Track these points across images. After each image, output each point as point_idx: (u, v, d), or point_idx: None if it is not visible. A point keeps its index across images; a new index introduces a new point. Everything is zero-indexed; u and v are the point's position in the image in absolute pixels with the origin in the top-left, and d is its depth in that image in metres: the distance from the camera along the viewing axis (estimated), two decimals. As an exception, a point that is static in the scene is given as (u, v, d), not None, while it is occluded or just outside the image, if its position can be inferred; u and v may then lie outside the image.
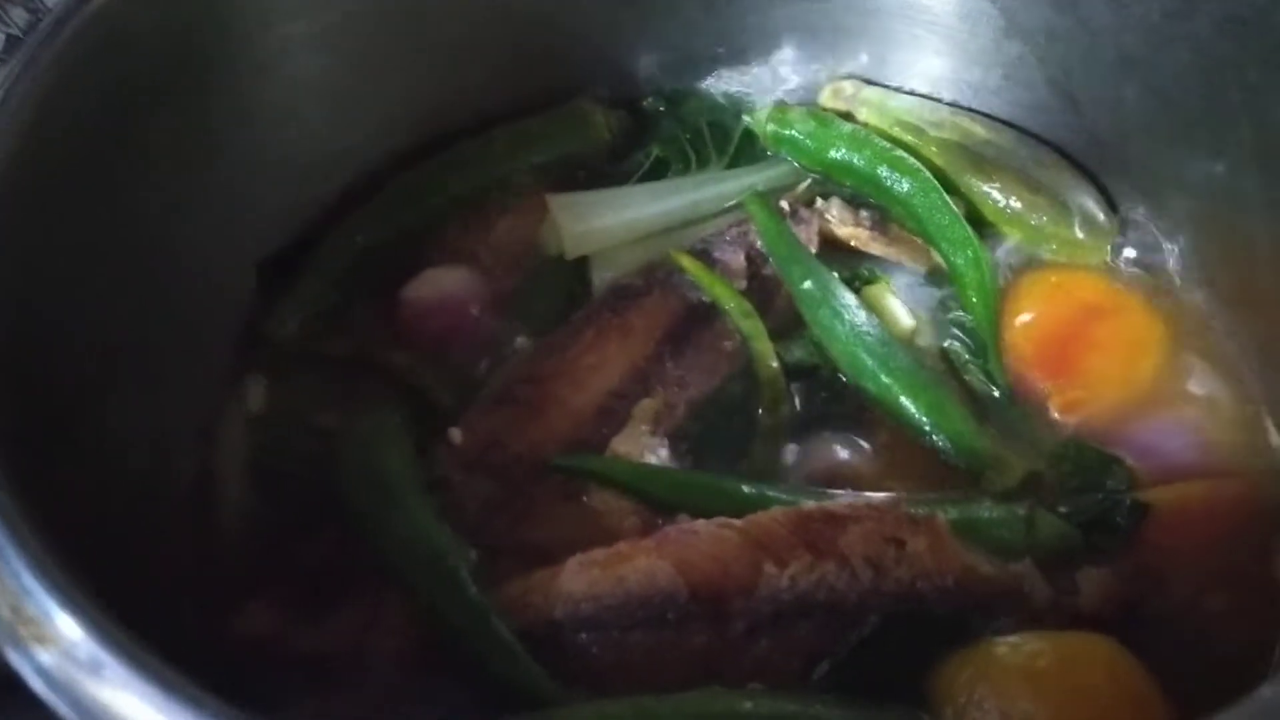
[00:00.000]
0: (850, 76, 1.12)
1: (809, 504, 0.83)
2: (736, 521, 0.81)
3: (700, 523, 0.82)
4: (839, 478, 0.90)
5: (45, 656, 0.56)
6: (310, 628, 0.82)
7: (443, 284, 1.01)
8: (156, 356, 0.87)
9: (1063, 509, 0.87)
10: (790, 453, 0.92)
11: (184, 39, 0.87)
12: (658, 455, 0.90)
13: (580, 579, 0.80)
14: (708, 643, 0.78)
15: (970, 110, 1.09)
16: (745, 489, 0.88)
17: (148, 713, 0.54)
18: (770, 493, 0.87)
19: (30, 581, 0.58)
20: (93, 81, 0.82)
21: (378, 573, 0.83)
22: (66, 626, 0.57)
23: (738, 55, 1.13)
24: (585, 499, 0.89)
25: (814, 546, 0.79)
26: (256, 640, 0.82)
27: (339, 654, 0.80)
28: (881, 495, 0.87)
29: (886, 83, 1.12)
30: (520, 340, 0.98)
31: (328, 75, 0.99)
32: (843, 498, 0.86)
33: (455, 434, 0.90)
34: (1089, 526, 0.86)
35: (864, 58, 1.12)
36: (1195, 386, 0.94)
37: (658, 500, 0.88)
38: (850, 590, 0.79)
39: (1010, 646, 0.78)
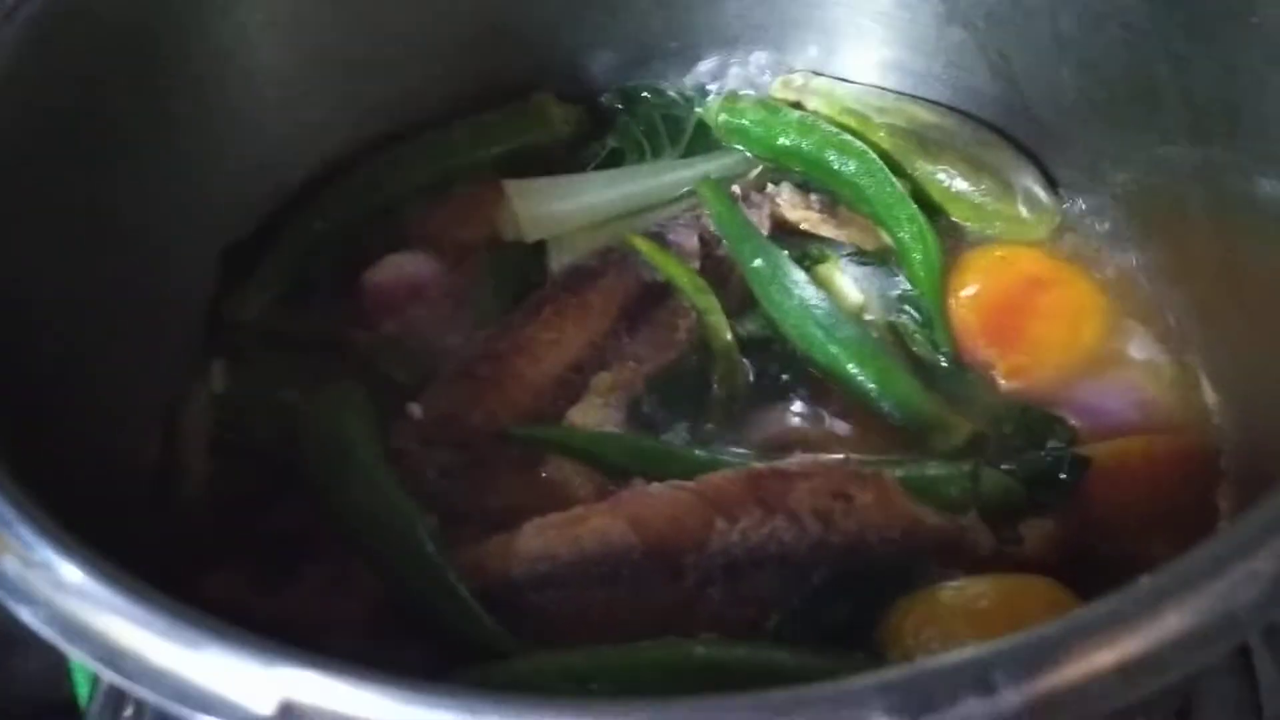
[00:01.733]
0: (800, 69, 1.15)
1: (760, 465, 0.85)
2: (689, 483, 0.83)
3: (655, 485, 0.84)
4: (792, 444, 0.91)
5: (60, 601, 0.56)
6: (274, 594, 0.82)
7: (404, 268, 1.03)
8: (121, 339, 0.88)
9: (1006, 466, 0.88)
10: (745, 422, 0.94)
11: (141, 26, 0.88)
12: (614, 425, 0.92)
13: (537, 540, 0.81)
14: (662, 597, 0.80)
15: (916, 97, 1.11)
16: (699, 454, 0.89)
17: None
18: (723, 457, 0.88)
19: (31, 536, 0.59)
20: (49, 69, 0.83)
21: (340, 539, 0.84)
22: (70, 573, 0.57)
23: (691, 51, 1.15)
24: (542, 468, 0.90)
25: (764, 502, 0.81)
26: (221, 608, 0.78)
27: (304, 619, 0.80)
28: (831, 456, 0.88)
29: (836, 74, 1.14)
30: (479, 322, 0.99)
31: (286, 65, 1.00)
32: (793, 459, 0.87)
33: (415, 409, 0.91)
34: (1032, 481, 0.87)
35: (813, 50, 1.14)
36: (1135, 350, 0.96)
37: (613, 466, 0.89)
38: (800, 543, 0.80)
39: (954, 590, 0.79)
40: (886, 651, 0.77)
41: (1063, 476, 0.87)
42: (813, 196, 1.06)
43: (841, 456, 0.88)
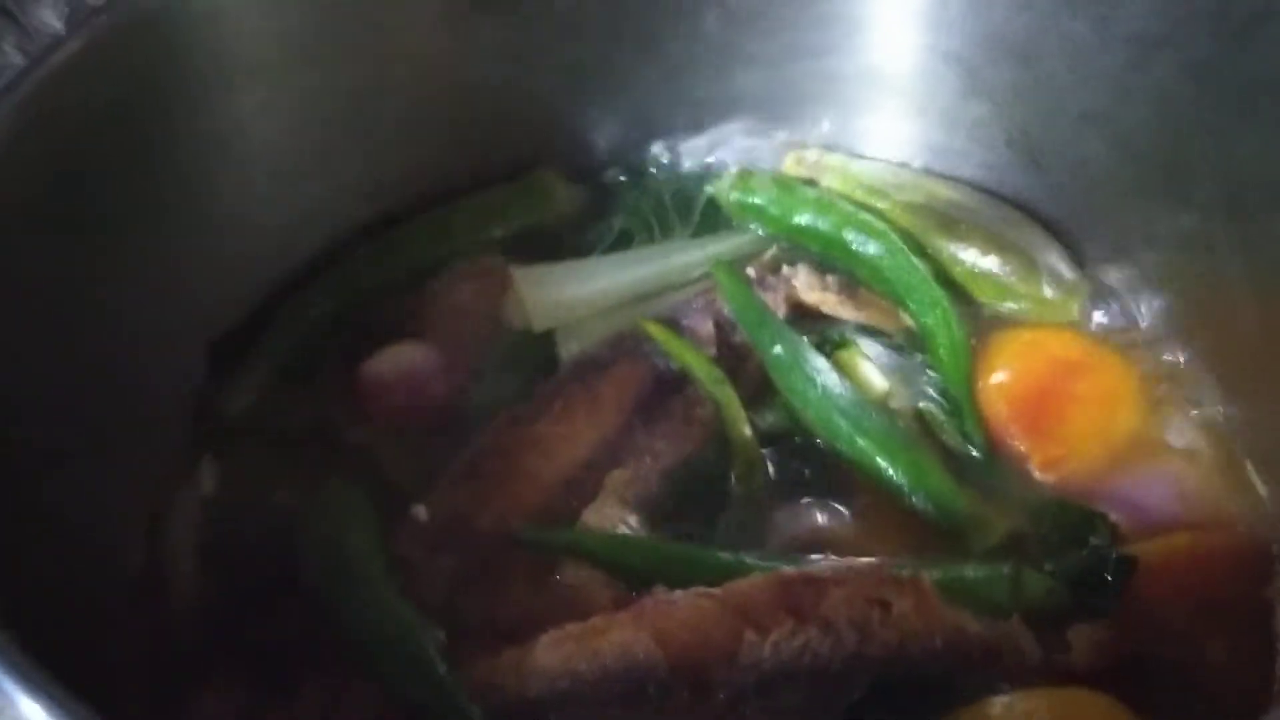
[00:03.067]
0: (813, 144, 1.12)
1: (789, 569, 0.82)
2: (715, 590, 0.79)
3: (677, 593, 0.80)
4: (818, 544, 0.88)
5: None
6: (270, 712, 0.79)
7: (404, 359, 0.99)
8: (106, 437, 0.85)
9: (1048, 566, 0.85)
10: (767, 521, 0.91)
11: (128, 112, 0.86)
12: (630, 526, 0.88)
13: (554, 655, 0.77)
14: (690, 716, 0.76)
15: (934, 173, 1.09)
16: (722, 557, 0.86)
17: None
18: (748, 560, 0.85)
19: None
20: (33, 154, 0.80)
21: (340, 653, 0.80)
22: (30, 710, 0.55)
23: (698, 124, 1.13)
24: (557, 574, 0.86)
25: (796, 611, 0.78)
26: None
27: None
28: (863, 559, 0.85)
29: (850, 149, 1.11)
30: (485, 416, 0.95)
31: (281, 148, 0.98)
32: (824, 563, 0.84)
33: (419, 511, 0.88)
34: (1076, 583, 0.85)
35: (825, 125, 1.12)
36: (1174, 438, 0.94)
37: (632, 572, 0.85)
38: (835, 655, 0.77)
39: (1004, 706, 0.76)
40: (932, 773, 0.74)
41: (1108, 578, 0.84)
42: (830, 278, 1.04)
43: (874, 560, 0.85)
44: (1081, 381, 0.96)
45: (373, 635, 0.80)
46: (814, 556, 0.86)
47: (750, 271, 1.04)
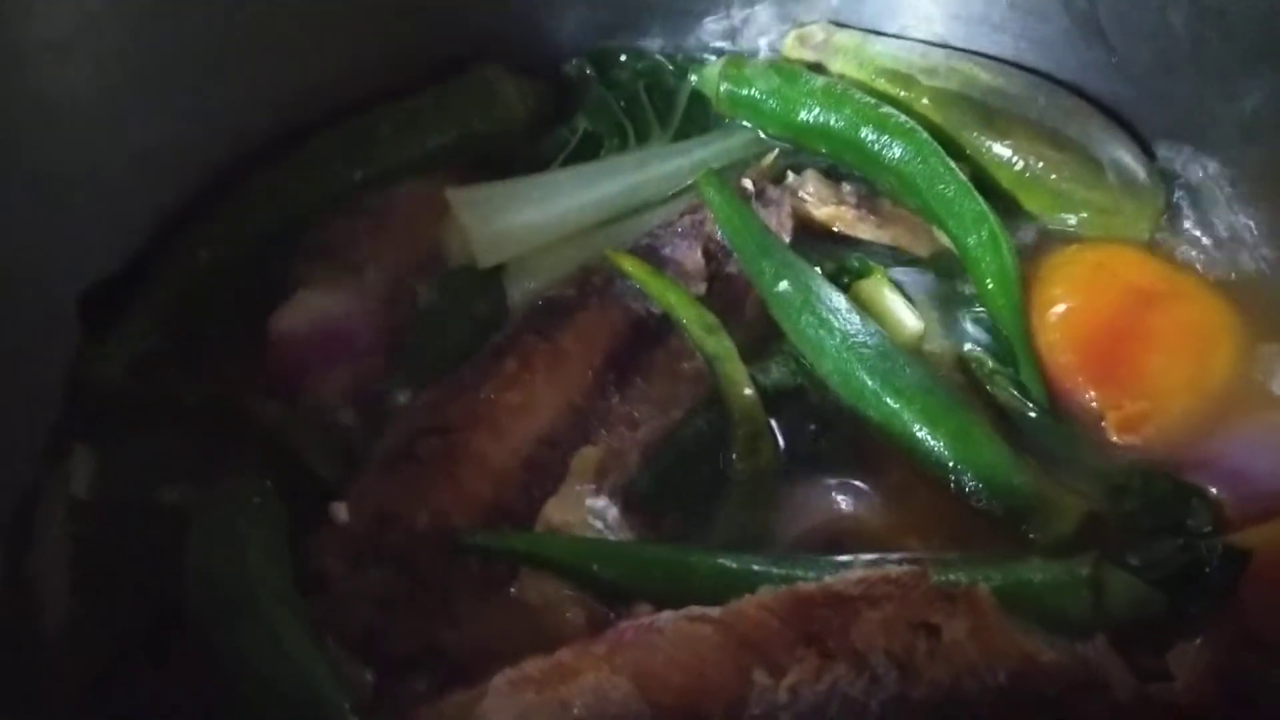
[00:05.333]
0: (819, 18, 1.03)
1: (806, 581, 0.71)
2: (713, 611, 0.69)
3: (665, 615, 0.70)
4: (841, 537, 0.79)
5: None
6: None
7: (320, 309, 0.89)
8: None
9: (1134, 562, 0.76)
10: (777, 509, 0.81)
11: None
12: (605, 521, 0.79)
13: (510, 705, 0.66)
14: None
15: (971, 52, 0.99)
16: (721, 562, 0.76)
17: None
18: (755, 566, 0.75)
19: None
20: None
21: (238, 708, 0.69)
22: None
23: (680, 3, 1.03)
24: (513, 589, 0.77)
25: (819, 642, 0.67)
26: None
27: None
28: (899, 558, 0.75)
29: (865, 23, 1.02)
30: (420, 381, 0.86)
31: (150, 52, 0.86)
32: (850, 569, 0.73)
33: (339, 510, 0.77)
34: (1171, 584, 0.74)
35: (834, -4, 0.99)
36: None
37: (607, 585, 0.76)
38: (871, 699, 0.66)
39: None
40: None
41: (1210, 574, 0.74)
42: (845, 188, 0.95)
43: (912, 556, 0.75)
44: (1163, 314, 0.86)
45: (272, 691, 0.68)
46: (837, 558, 0.76)
47: (746, 183, 0.95)
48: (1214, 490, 0.78)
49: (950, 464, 0.79)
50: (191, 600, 0.72)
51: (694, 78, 1.01)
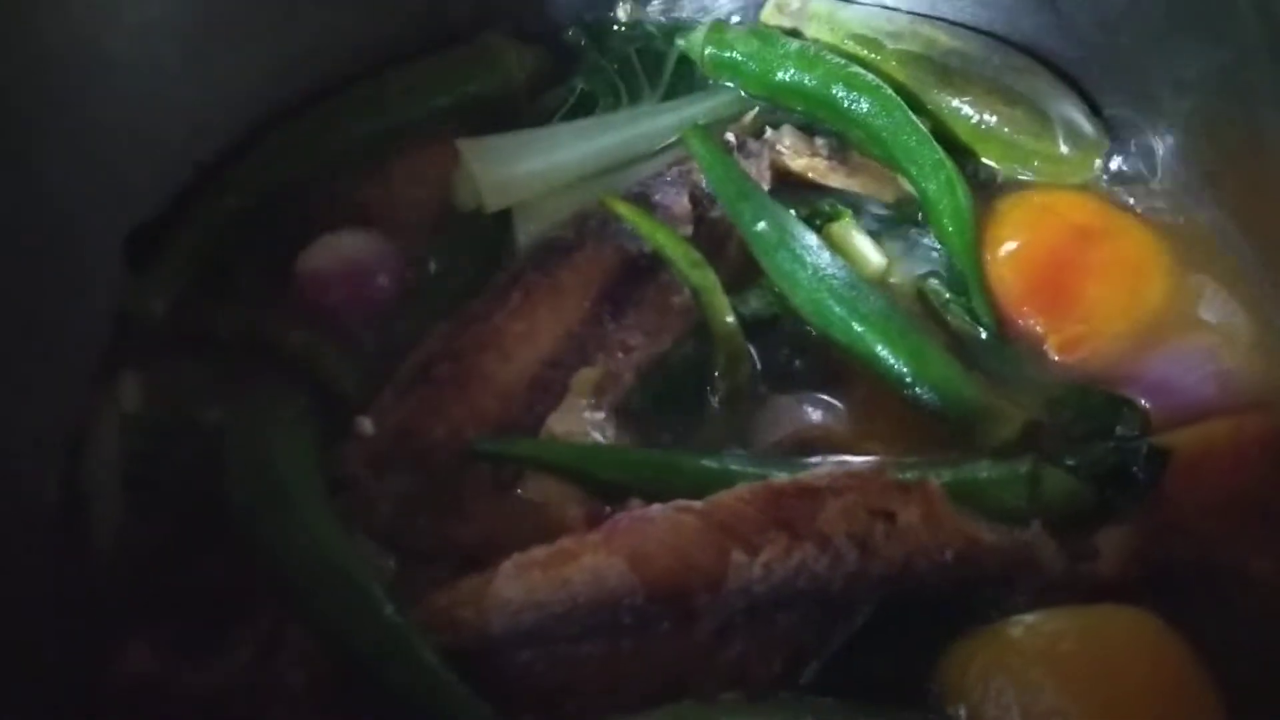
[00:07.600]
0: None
1: (779, 477, 0.76)
2: (696, 504, 0.74)
3: (655, 508, 0.75)
4: (812, 443, 0.83)
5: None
6: (202, 664, 0.73)
7: (342, 250, 0.92)
8: (14, 352, 0.79)
9: (1070, 462, 0.80)
10: (754, 419, 0.85)
11: None
12: (601, 432, 0.83)
13: (518, 584, 0.71)
14: (673, 649, 0.71)
15: (932, 17, 1.02)
16: (705, 463, 0.81)
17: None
18: (734, 466, 0.80)
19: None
20: None
21: (276, 595, 0.75)
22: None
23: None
24: (519, 489, 0.81)
25: (789, 527, 0.72)
26: (140, 683, 0.73)
27: (236, 692, 0.72)
28: (863, 460, 0.81)
29: None
30: (435, 312, 0.89)
31: (188, 15, 0.90)
32: (818, 467, 0.79)
33: (364, 424, 0.82)
34: (1102, 480, 0.79)
35: (808, -35, 1.02)
36: (1207, 311, 0.88)
37: (604, 484, 0.80)
38: (835, 575, 0.71)
39: (1027, 627, 0.70)
40: (948, 705, 0.69)
41: (1138, 472, 0.79)
42: (819, 141, 0.98)
43: (874, 460, 0.81)
44: (1102, 249, 0.90)
45: (310, 573, 0.74)
46: (808, 460, 0.81)
47: (729, 137, 0.98)
48: (1143, 401, 0.82)
49: (908, 379, 0.83)
50: (235, 498, 0.77)
51: (681, 42, 1.03)
